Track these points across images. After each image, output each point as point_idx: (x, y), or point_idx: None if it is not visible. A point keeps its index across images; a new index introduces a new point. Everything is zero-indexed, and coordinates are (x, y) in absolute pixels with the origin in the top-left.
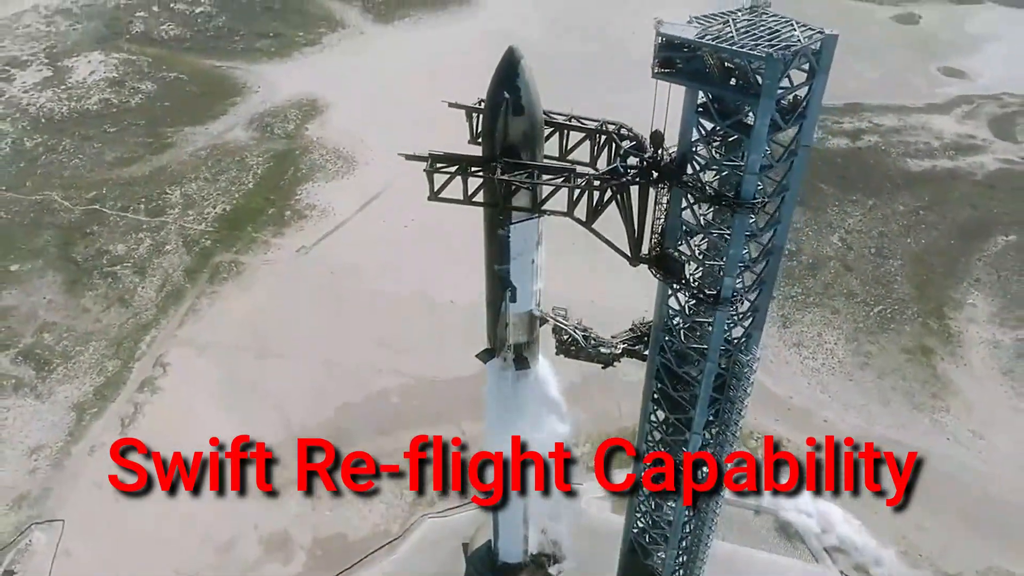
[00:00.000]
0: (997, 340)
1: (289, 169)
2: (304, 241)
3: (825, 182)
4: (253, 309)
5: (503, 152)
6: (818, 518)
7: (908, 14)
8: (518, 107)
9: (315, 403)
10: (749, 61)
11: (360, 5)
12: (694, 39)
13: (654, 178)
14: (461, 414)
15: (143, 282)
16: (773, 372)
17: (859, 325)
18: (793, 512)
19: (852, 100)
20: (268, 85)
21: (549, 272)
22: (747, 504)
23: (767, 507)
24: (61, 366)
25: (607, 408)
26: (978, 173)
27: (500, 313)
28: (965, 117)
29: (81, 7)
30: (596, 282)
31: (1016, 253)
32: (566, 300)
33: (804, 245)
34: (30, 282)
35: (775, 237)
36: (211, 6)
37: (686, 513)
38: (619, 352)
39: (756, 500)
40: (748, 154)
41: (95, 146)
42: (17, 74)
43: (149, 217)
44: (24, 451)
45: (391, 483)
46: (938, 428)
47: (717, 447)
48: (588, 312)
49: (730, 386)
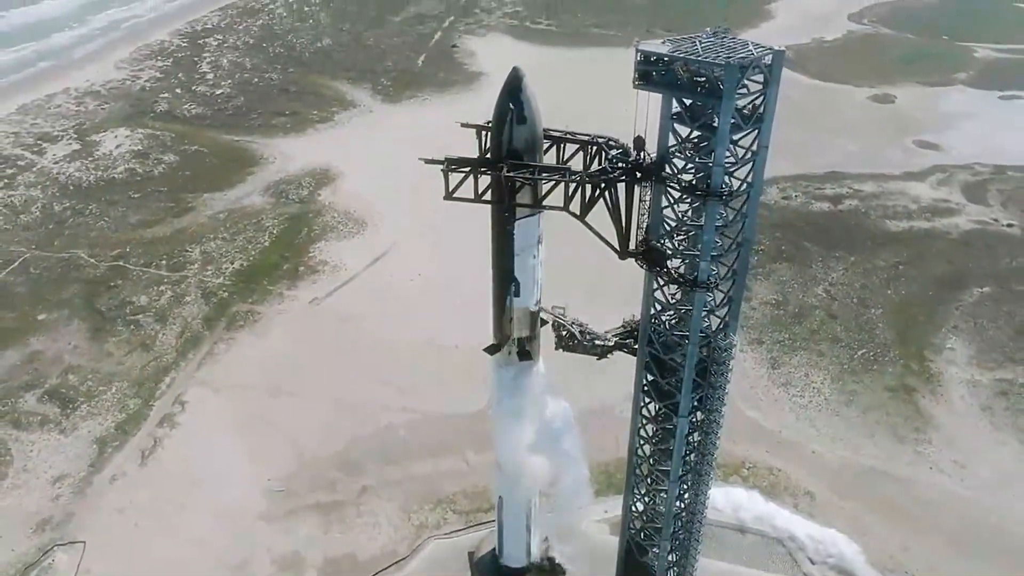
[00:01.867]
0: (976, 380)
1: (303, 230)
2: (316, 293)
3: (809, 241)
4: (268, 354)
5: (508, 155)
6: (809, 538)
7: (884, 95)
8: (521, 117)
9: (326, 436)
10: (712, 69)
11: (370, 87)
12: (668, 54)
13: (638, 177)
14: (466, 446)
15: (164, 329)
16: (763, 408)
17: (844, 366)
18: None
19: (833, 169)
20: (283, 157)
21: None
22: (737, 525)
23: (761, 528)
24: (85, 404)
25: (604, 442)
26: (953, 233)
27: (505, 309)
28: (940, 184)
29: (108, 89)
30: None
31: (991, 303)
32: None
33: (790, 296)
34: (56, 330)
35: (744, 231)
36: (231, 88)
37: (678, 503)
38: (611, 344)
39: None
40: (715, 150)
41: (120, 210)
42: (48, 147)
43: (170, 272)
44: (48, 480)
45: (399, 508)
46: (922, 458)
47: (704, 435)
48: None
49: (711, 372)
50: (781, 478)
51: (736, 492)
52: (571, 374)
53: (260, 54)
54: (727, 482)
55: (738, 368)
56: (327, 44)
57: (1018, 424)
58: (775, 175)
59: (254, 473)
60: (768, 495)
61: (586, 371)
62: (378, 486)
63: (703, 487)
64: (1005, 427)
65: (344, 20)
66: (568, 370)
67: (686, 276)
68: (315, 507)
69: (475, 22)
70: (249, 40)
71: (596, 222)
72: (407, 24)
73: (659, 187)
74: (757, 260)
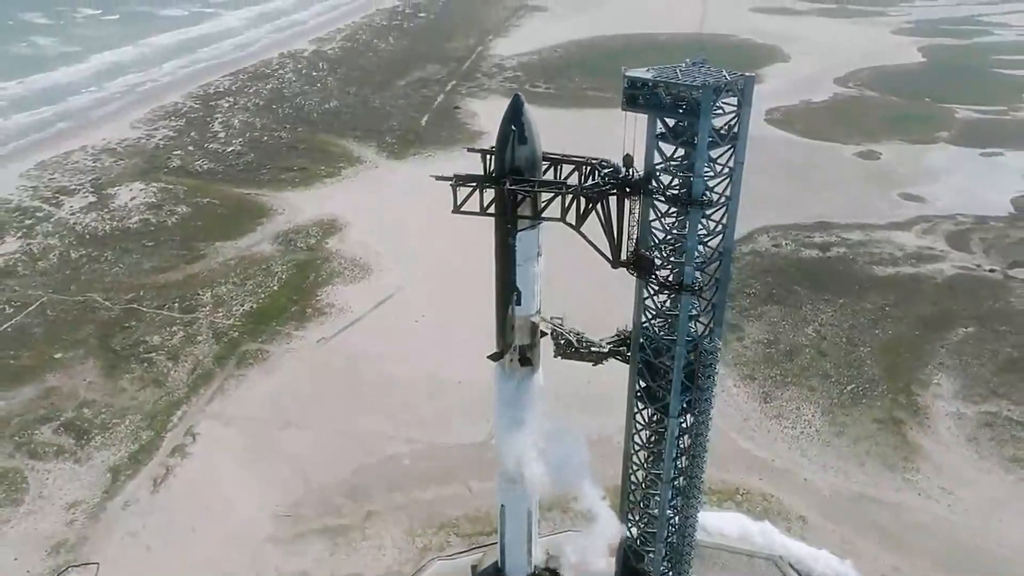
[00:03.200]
0: (961, 413)
1: (310, 275)
2: (323, 333)
3: (799, 285)
4: (276, 389)
5: (511, 172)
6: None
7: (870, 151)
8: (522, 137)
9: (332, 465)
10: (691, 91)
11: (376, 145)
12: (651, 78)
13: (627, 191)
14: (468, 474)
15: (176, 367)
16: (756, 439)
17: (834, 400)
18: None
19: (821, 219)
20: (292, 208)
21: None
22: (737, 548)
23: (757, 549)
24: (99, 435)
25: (603, 470)
26: (938, 277)
27: (507, 317)
28: (924, 233)
29: (124, 147)
30: None
31: (975, 342)
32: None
33: (781, 335)
34: (72, 367)
35: (724, 240)
36: (241, 145)
37: (671, 507)
38: (606, 351)
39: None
40: (695, 163)
41: (134, 257)
42: (65, 200)
43: (182, 314)
44: (63, 506)
45: (403, 531)
46: (910, 485)
47: (694, 437)
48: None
49: (699, 375)
50: (774, 503)
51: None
52: (572, 408)
53: (270, 114)
54: (721, 507)
55: (731, 402)
56: (334, 106)
57: (1003, 453)
58: (766, 224)
59: (262, 499)
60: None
61: (587, 407)
62: (383, 511)
63: (695, 491)
64: (990, 456)
65: (351, 84)
66: (572, 408)
67: (673, 282)
68: (322, 530)
69: (476, 86)
70: (259, 102)
71: (590, 236)
72: (411, 88)
73: (647, 200)
74: (749, 302)
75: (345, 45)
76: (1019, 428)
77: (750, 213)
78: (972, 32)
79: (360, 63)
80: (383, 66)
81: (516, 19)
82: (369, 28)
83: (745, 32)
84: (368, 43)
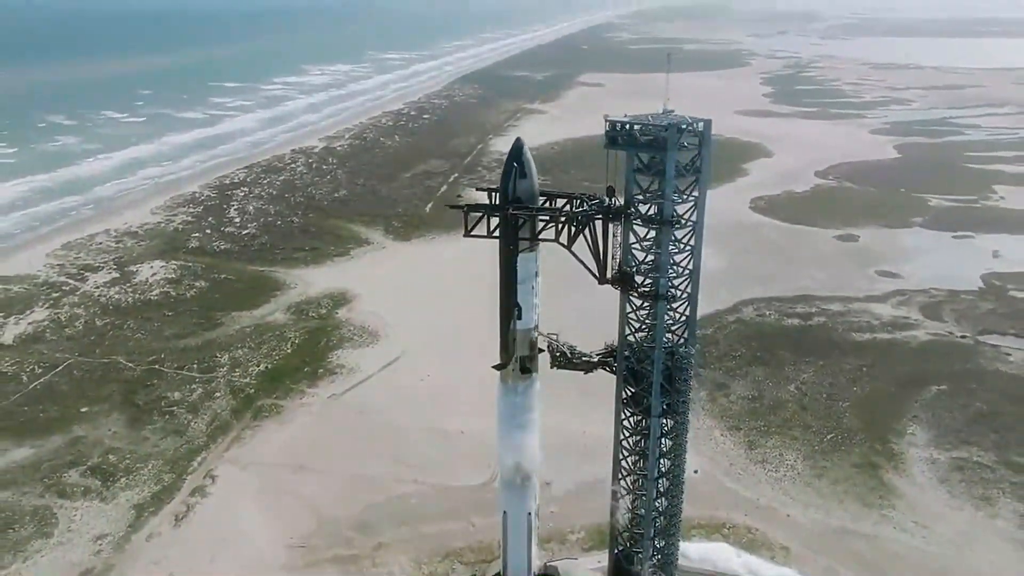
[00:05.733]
0: (935, 458)
1: (322, 340)
2: (335, 390)
3: (782, 349)
4: (290, 438)
5: (512, 202)
6: None
7: (848, 235)
8: (523, 173)
9: (343, 503)
10: (660, 130)
11: (383, 228)
12: (629, 121)
13: (611, 216)
14: (472, 511)
15: (195, 419)
16: (742, 481)
17: (814, 447)
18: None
19: (803, 293)
20: (304, 283)
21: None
22: None
23: None
24: (123, 478)
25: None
26: (912, 343)
27: (510, 331)
28: (899, 304)
29: (145, 230)
30: None
31: (948, 397)
32: None
33: (765, 392)
34: (97, 419)
35: (693, 259)
36: (256, 229)
37: (656, 505)
38: (595, 361)
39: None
40: (665, 188)
41: (155, 325)
42: (90, 276)
43: (201, 373)
44: (90, 538)
45: (411, 560)
46: (886, 520)
47: (675, 438)
48: None
49: (676, 378)
50: (759, 536)
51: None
52: (566, 455)
53: (282, 202)
54: (709, 539)
55: (718, 449)
56: (344, 194)
57: (972, 493)
58: (751, 297)
59: (277, 533)
60: (747, 550)
61: (579, 451)
62: (392, 543)
63: (677, 491)
64: (961, 495)
65: (359, 176)
66: (566, 451)
67: (651, 291)
68: (334, 559)
69: (478, 177)
70: (272, 191)
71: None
72: (416, 179)
73: (627, 224)
74: (735, 363)
75: (354, 142)
76: (988, 471)
77: (736, 287)
78: (944, 132)
79: (368, 158)
80: (389, 160)
81: (515, 120)
82: (376, 128)
83: (731, 132)
84: (375, 141)
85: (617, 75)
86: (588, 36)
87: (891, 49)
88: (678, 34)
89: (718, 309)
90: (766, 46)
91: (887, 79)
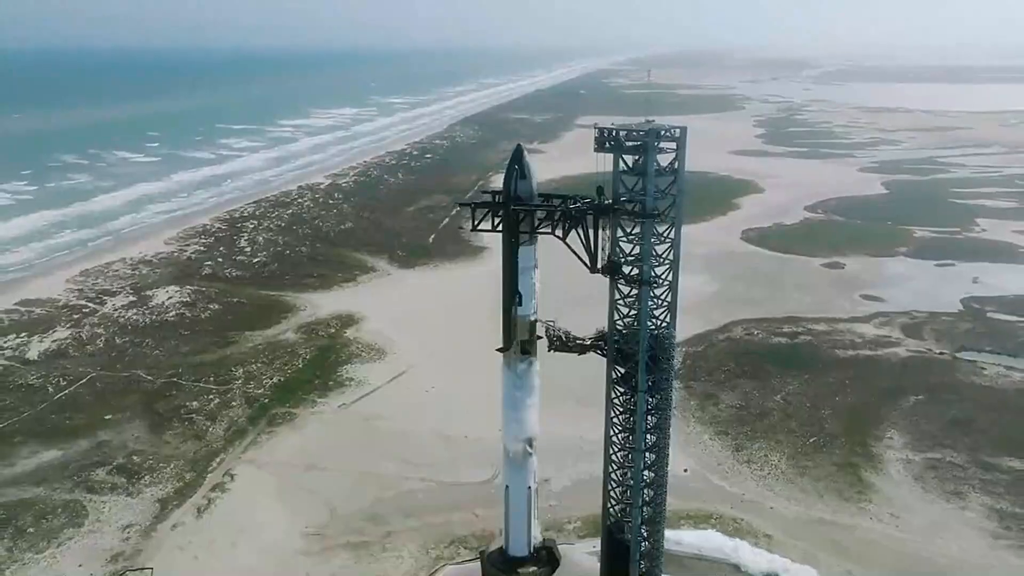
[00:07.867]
0: (910, 459)
1: (331, 356)
2: (344, 400)
3: (768, 363)
4: (304, 442)
5: (514, 199)
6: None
7: (835, 263)
8: (523, 173)
9: (354, 498)
10: (642, 135)
11: (388, 257)
12: (615, 128)
13: (600, 211)
14: (475, 504)
15: (213, 425)
16: (729, 478)
17: (798, 449)
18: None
19: (790, 315)
20: (313, 306)
21: None
22: (712, 556)
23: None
24: (148, 475)
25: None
26: (893, 359)
27: (512, 317)
28: (882, 324)
29: (159, 259)
30: None
31: (924, 406)
32: None
33: (752, 402)
34: (120, 425)
35: (673, 250)
36: (266, 257)
37: (645, 475)
38: (588, 344)
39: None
40: (647, 185)
41: (172, 343)
42: (108, 299)
43: (218, 385)
44: (118, 527)
45: (419, 545)
46: (864, 512)
47: (659, 413)
48: None
49: (660, 358)
50: (743, 525)
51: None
52: (564, 456)
53: (291, 234)
54: (697, 527)
55: (707, 451)
56: (349, 226)
57: (944, 488)
58: (741, 318)
59: (293, 523)
60: (731, 536)
61: (577, 453)
62: (401, 531)
63: (662, 463)
64: (934, 491)
65: (364, 210)
66: (564, 454)
67: (636, 277)
68: (347, 545)
69: None
70: (281, 224)
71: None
72: (419, 213)
73: (615, 219)
74: (724, 376)
75: (358, 179)
76: (960, 470)
77: (727, 309)
78: (931, 170)
79: (372, 193)
80: (393, 196)
81: None
82: (380, 166)
83: (724, 170)
84: (379, 178)
85: (615, 118)
86: (586, 81)
87: (883, 94)
88: (673, 80)
89: (709, 329)
90: (759, 91)
91: (877, 121)
